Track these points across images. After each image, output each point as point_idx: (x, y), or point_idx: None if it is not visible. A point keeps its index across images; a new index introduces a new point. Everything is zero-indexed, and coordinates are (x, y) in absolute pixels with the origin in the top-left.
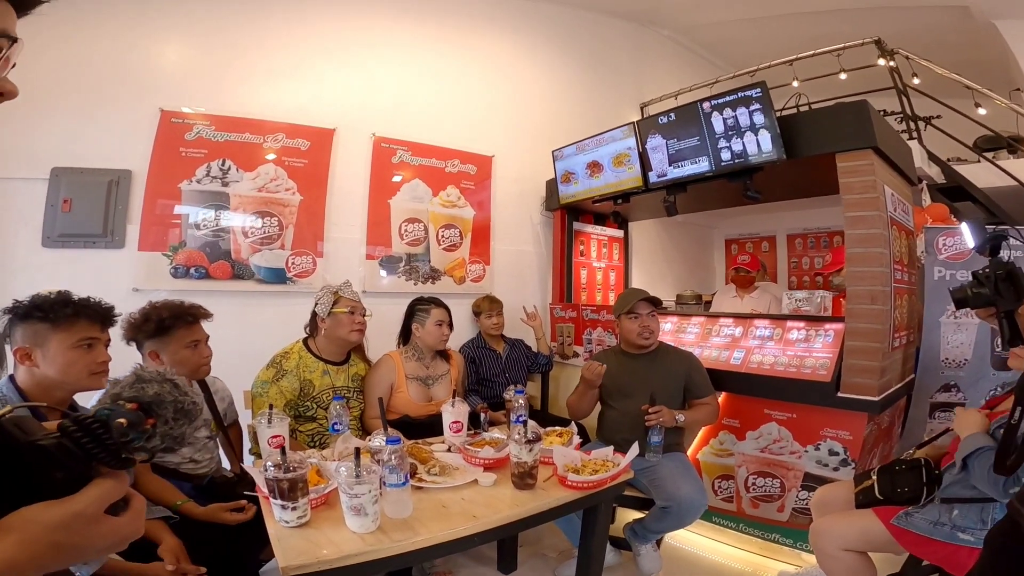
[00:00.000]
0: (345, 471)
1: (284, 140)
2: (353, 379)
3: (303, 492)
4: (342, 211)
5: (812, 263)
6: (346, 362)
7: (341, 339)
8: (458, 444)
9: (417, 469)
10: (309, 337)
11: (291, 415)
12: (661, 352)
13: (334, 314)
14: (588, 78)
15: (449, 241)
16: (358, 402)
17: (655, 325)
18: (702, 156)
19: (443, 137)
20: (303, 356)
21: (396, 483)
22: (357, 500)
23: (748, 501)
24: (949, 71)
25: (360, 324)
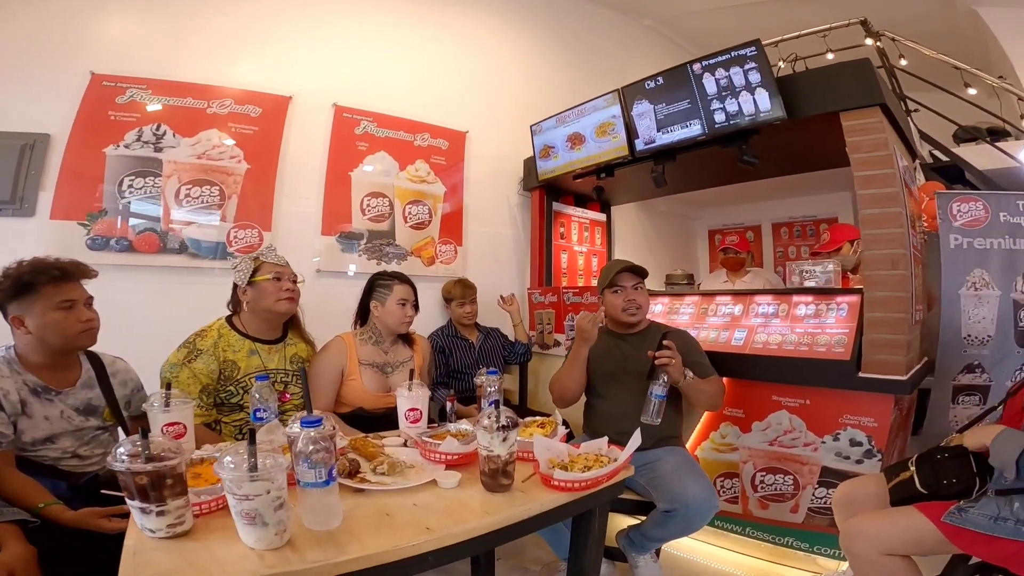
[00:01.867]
0: (232, 463)
1: (232, 106)
2: (292, 361)
3: (175, 491)
4: (296, 182)
5: (799, 252)
6: (281, 340)
7: (268, 311)
8: (414, 436)
9: (360, 467)
10: (233, 314)
11: (209, 403)
12: (652, 331)
13: (256, 283)
14: (570, 62)
15: (417, 218)
16: (298, 388)
17: (642, 298)
18: (693, 119)
19: (413, 110)
20: (224, 334)
21: (315, 482)
22: (249, 504)
23: (756, 501)
24: (936, 52)
25: (289, 292)
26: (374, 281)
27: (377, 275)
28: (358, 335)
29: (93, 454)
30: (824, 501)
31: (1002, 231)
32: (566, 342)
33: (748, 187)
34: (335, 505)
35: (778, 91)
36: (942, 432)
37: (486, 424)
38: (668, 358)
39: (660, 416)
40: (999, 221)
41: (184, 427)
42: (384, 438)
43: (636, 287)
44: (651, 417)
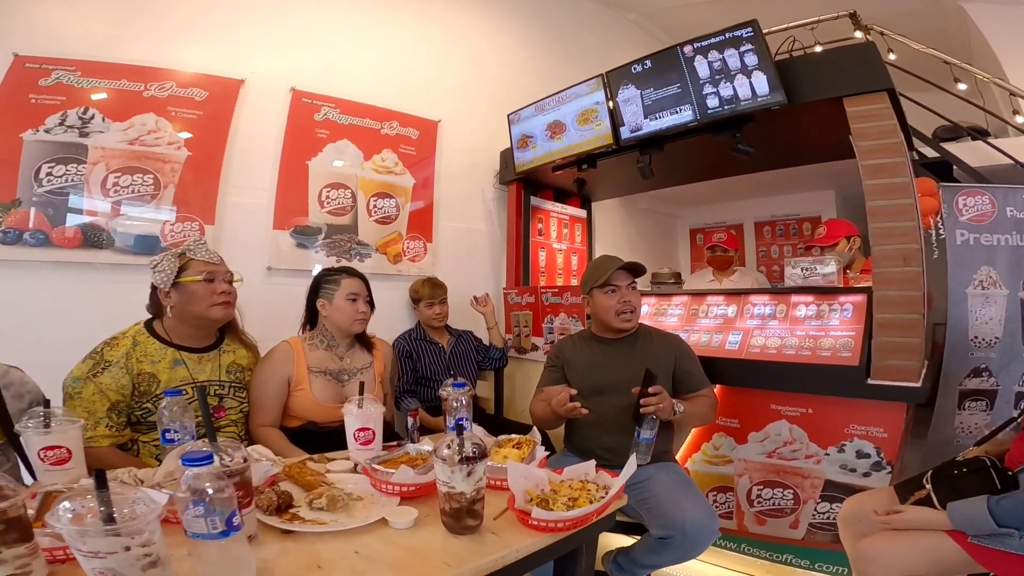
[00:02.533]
0: (70, 510)
1: (174, 89)
2: (229, 370)
3: (12, 538)
4: (245, 172)
5: (782, 251)
6: (215, 347)
7: (198, 318)
8: (363, 462)
9: (292, 500)
10: (154, 318)
11: (120, 421)
12: (643, 336)
13: (182, 284)
14: (550, 53)
15: (382, 212)
16: (237, 401)
17: (637, 301)
18: (684, 105)
19: (381, 97)
20: (141, 341)
21: (206, 533)
22: (102, 563)
23: (752, 517)
24: (926, 47)
25: (225, 295)
26: (319, 278)
27: (323, 271)
28: (307, 340)
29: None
30: (827, 516)
31: (1009, 227)
32: (545, 346)
33: (731, 185)
34: (241, 559)
35: (777, 75)
36: (946, 439)
37: (445, 455)
38: (656, 405)
39: (650, 453)
40: (1006, 216)
41: (68, 451)
42: (331, 460)
43: (631, 287)
44: (640, 458)
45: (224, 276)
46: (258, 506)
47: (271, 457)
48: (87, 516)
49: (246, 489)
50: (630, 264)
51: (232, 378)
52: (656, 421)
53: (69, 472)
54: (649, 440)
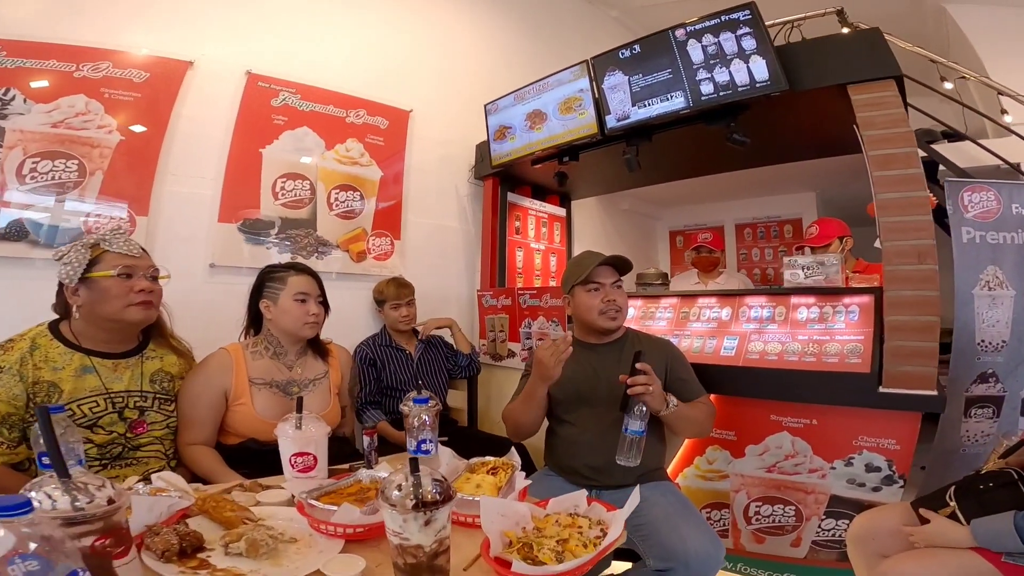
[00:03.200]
0: None
1: (110, 70)
2: (153, 379)
3: None
4: (188, 159)
5: (763, 254)
6: (136, 352)
7: (111, 319)
8: (298, 496)
9: (203, 542)
10: (61, 318)
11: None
12: (630, 341)
13: (92, 280)
14: (530, 46)
15: (345, 206)
16: (163, 415)
17: (623, 300)
18: (676, 91)
19: (348, 84)
20: (42, 344)
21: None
22: None
23: (749, 535)
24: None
25: (146, 294)
26: (263, 276)
27: (266, 268)
28: (249, 347)
29: None
30: (832, 533)
31: (1015, 224)
32: (522, 352)
33: (712, 186)
34: None
35: (778, 59)
36: (952, 448)
37: (395, 499)
38: (644, 385)
39: (640, 455)
40: (1011, 213)
41: None
42: (264, 489)
43: (616, 285)
44: (628, 457)
45: (146, 271)
46: (151, 550)
47: (182, 487)
48: None
49: (117, 536)
50: (613, 259)
51: (157, 388)
52: (646, 412)
53: None
54: (638, 433)
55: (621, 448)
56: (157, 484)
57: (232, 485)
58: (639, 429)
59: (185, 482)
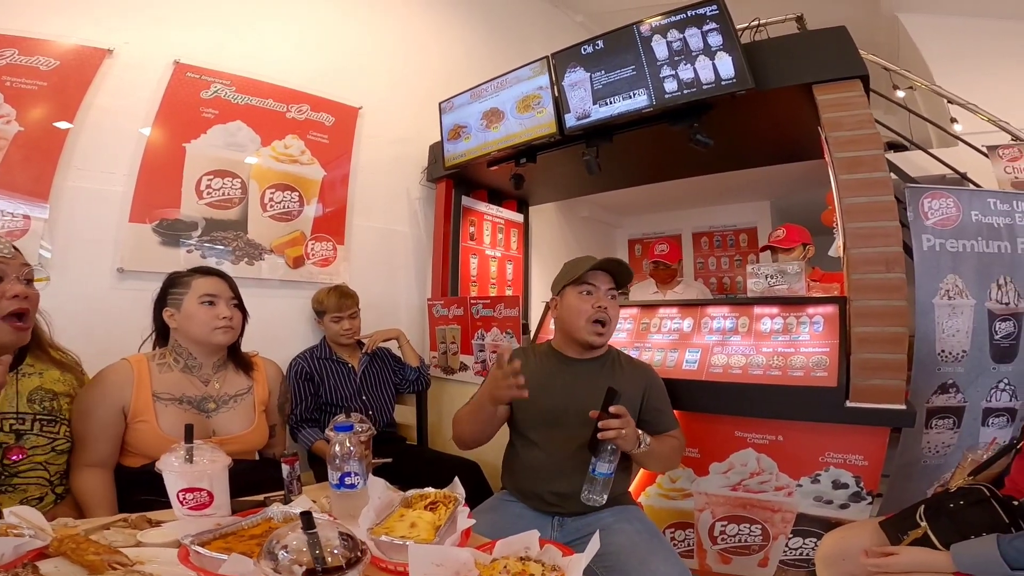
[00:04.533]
0: None
1: (15, 57)
2: (32, 399)
3: None
4: (96, 152)
5: (719, 263)
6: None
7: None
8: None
9: None
10: None
11: None
12: (612, 360)
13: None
14: (494, 50)
15: (281, 207)
16: (47, 438)
17: (615, 312)
18: (639, 88)
19: (290, 77)
20: None
21: None
22: None
23: (715, 555)
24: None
25: (17, 300)
26: (166, 284)
27: (170, 275)
28: (155, 358)
29: None
30: (800, 552)
31: (974, 232)
32: (475, 365)
33: (670, 194)
34: None
35: (743, 56)
36: (913, 460)
37: (283, 562)
38: (617, 430)
39: (607, 492)
40: (971, 221)
41: None
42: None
43: (611, 294)
44: (594, 498)
45: (18, 273)
46: None
47: (36, 524)
48: None
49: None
50: (613, 264)
51: (38, 408)
52: (617, 452)
53: None
54: (607, 475)
55: (588, 488)
56: (9, 520)
57: (114, 519)
58: (608, 472)
59: (43, 519)
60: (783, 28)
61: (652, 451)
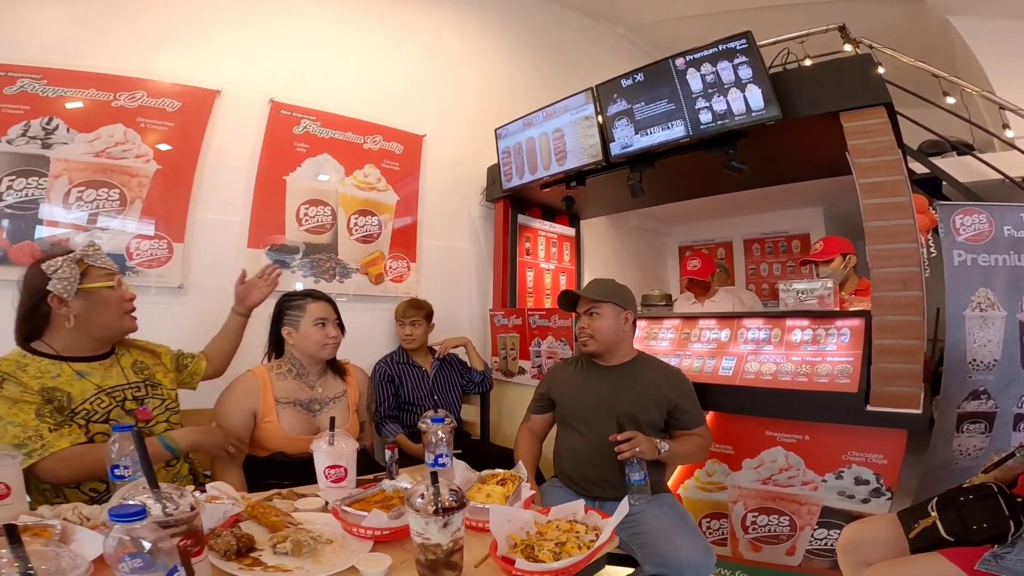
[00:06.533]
0: None
1: (144, 99)
2: (135, 369)
3: None
4: (218, 187)
5: (771, 269)
6: (110, 354)
7: (106, 327)
8: (332, 503)
9: (254, 543)
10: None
11: (60, 420)
12: (638, 365)
13: (88, 292)
14: (536, 65)
15: (364, 231)
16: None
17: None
18: (676, 120)
19: (363, 110)
20: (29, 363)
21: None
22: None
23: (747, 543)
24: (914, 60)
25: (132, 304)
26: (282, 305)
27: (284, 297)
28: (274, 369)
29: None
30: (824, 543)
31: (1007, 246)
32: (532, 369)
33: (720, 202)
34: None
35: (772, 88)
36: (945, 462)
37: (419, 505)
38: (631, 448)
39: (646, 494)
40: (1003, 235)
41: (6, 487)
42: (301, 497)
43: (589, 313)
44: (638, 500)
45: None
46: (214, 550)
47: (233, 495)
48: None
49: (195, 537)
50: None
51: (143, 376)
52: (642, 463)
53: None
54: (640, 481)
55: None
56: (211, 492)
57: (272, 493)
58: (640, 478)
59: (235, 490)
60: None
61: (673, 454)
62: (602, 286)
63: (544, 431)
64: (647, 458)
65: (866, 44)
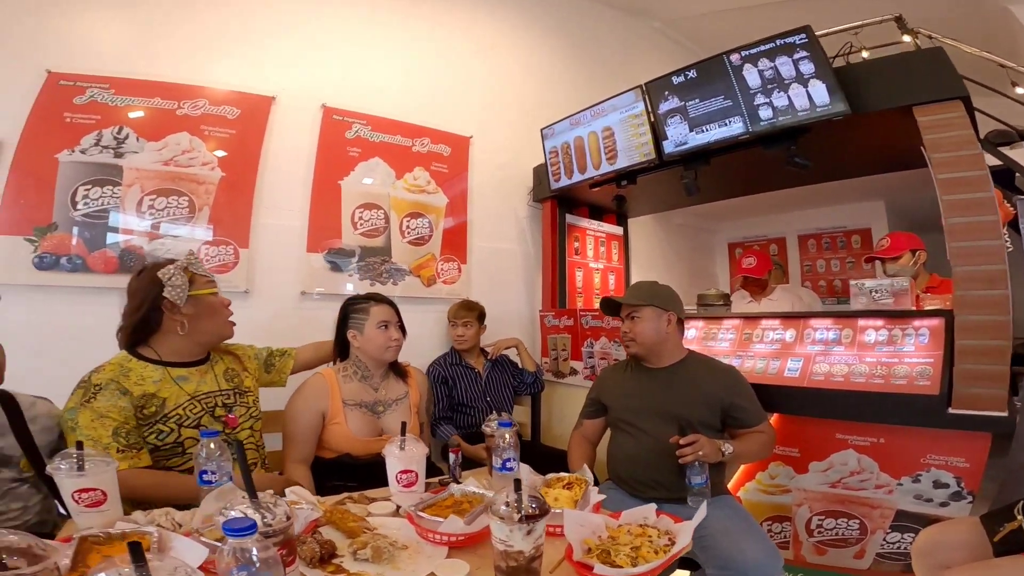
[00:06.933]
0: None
1: (206, 107)
2: (227, 377)
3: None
4: (278, 192)
5: (828, 266)
6: (206, 360)
7: (212, 333)
8: (407, 508)
9: (335, 549)
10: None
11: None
12: (688, 365)
13: (197, 298)
14: (577, 65)
15: (416, 233)
16: (245, 407)
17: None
18: (733, 117)
19: (410, 112)
20: (132, 367)
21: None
22: None
23: (811, 547)
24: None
25: (231, 309)
26: (347, 308)
27: (349, 301)
28: (340, 371)
29: (10, 509)
30: (897, 546)
31: None
32: (584, 370)
33: (772, 197)
34: None
35: (838, 83)
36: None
37: (503, 513)
38: (694, 451)
39: (706, 496)
40: None
41: (103, 493)
42: (372, 501)
43: (630, 317)
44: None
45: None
46: (300, 557)
47: (310, 499)
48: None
49: (289, 546)
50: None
51: (233, 384)
52: (704, 466)
53: (105, 514)
54: (701, 484)
55: (690, 495)
56: (290, 498)
57: (343, 497)
58: (702, 481)
59: (311, 495)
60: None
61: (736, 454)
62: (641, 289)
63: (597, 436)
64: (710, 461)
65: (925, 34)
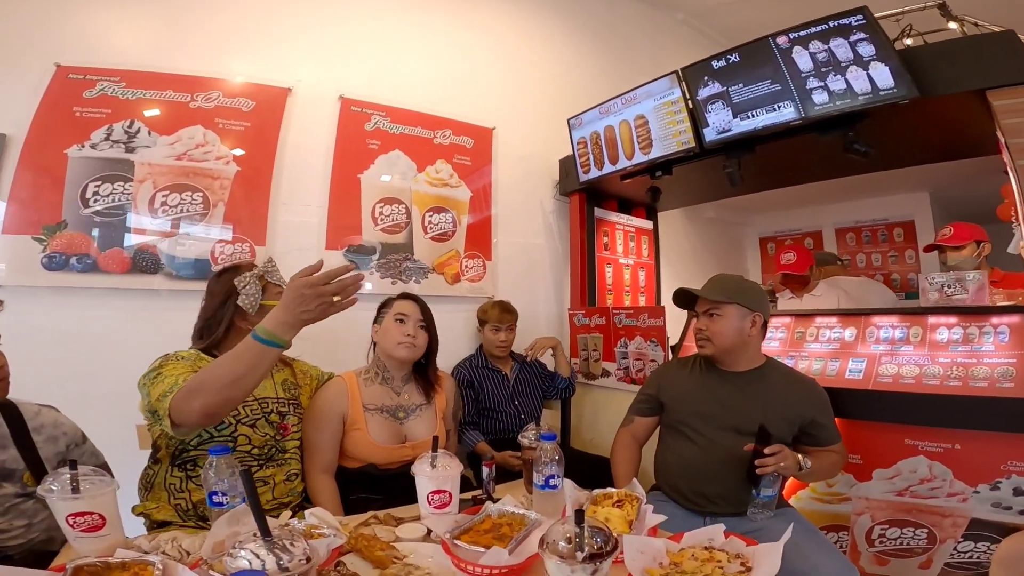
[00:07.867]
0: None
1: (220, 99)
2: (284, 387)
3: None
4: (295, 187)
5: (868, 260)
6: None
7: None
8: (441, 535)
9: None
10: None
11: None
12: (768, 374)
13: (268, 308)
14: (600, 57)
15: (439, 228)
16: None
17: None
18: (784, 101)
19: (432, 104)
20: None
21: None
22: None
23: (870, 557)
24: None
25: None
26: (380, 307)
27: (385, 300)
28: (361, 374)
29: (13, 526)
30: (970, 556)
31: None
32: (617, 371)
33: (806, 189)
34: None
35: (902, 65)
36: None
37: (563, 551)
38: (776, 462)
39: (771, 510)
40: None
41: (101, 517)
42: (400, 522)
43: (708, 314)
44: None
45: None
46: None
47: (332, 524)
48: None
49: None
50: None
51: (289, 395)
52: (779, 478)
53: (104, 539)
54: (770, 497)
55: (753, 509)
56: (310, 521)
57: (369, 516)
58: (772, 494)
59: (333, 518)
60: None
61: (813, 470)
62: (726, 284)
63: (646, 436)
64: (788, 475)
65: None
